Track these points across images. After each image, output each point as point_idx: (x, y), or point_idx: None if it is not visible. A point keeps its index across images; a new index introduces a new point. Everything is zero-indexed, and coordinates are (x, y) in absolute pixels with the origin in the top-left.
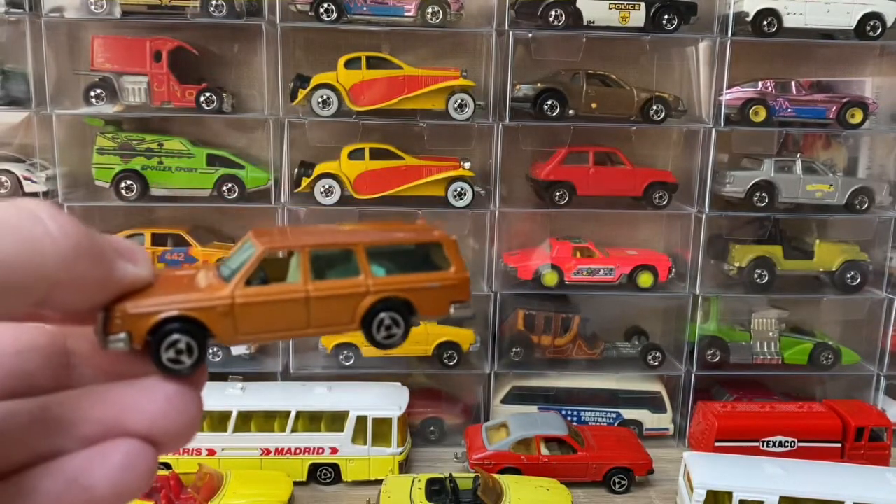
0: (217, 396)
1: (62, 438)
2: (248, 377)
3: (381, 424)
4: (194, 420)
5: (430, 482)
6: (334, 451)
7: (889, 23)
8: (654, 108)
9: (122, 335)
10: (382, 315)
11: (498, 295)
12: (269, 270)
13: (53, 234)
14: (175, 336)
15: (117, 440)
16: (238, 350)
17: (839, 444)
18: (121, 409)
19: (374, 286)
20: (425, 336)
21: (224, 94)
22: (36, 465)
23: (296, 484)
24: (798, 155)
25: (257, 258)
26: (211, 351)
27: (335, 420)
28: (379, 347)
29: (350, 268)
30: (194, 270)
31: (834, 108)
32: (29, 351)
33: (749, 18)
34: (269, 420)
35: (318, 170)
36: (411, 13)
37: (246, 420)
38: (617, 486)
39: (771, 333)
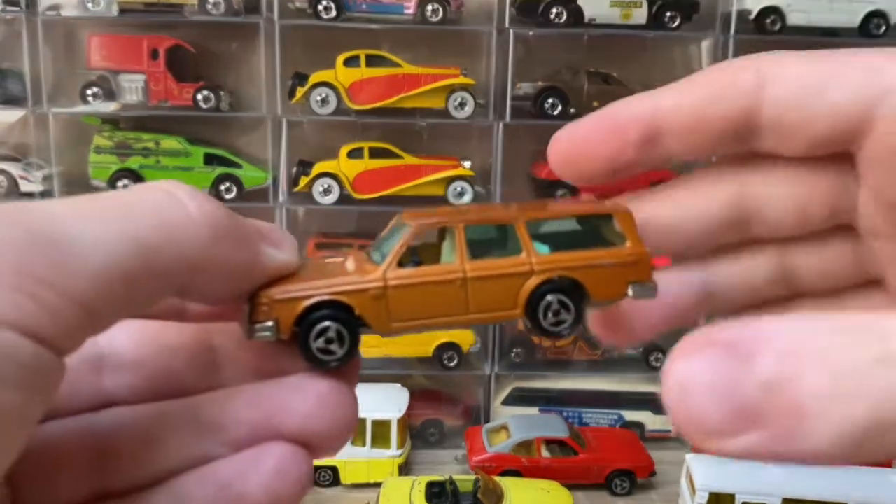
0: None
1: (212, 442)
2: None
3: (381, 426)
4: (350, 420)
5: (430, 484)
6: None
7: (893, 21)
8: None
9: (269, 323)
10: (549, 298)
11: None
12: (423, 255)
13: (193, 216)
14: (325, 323)
15: (270, 444)
16: None
17: None
18: (271, 411)
19: (539, 265)
20: (425, 337)
21: (222, 93)
22: (185, 470)
23: None
24: None
25: (409, 236)
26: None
27: None
28: (546, 336)
29: (510, 246)
30: (343, 257)
31: None
32: (175, 349)
33: (752, 16)
34: None
35: (316, 169)
36: (411, 11)
37: None
38: (618, 488)
39: None
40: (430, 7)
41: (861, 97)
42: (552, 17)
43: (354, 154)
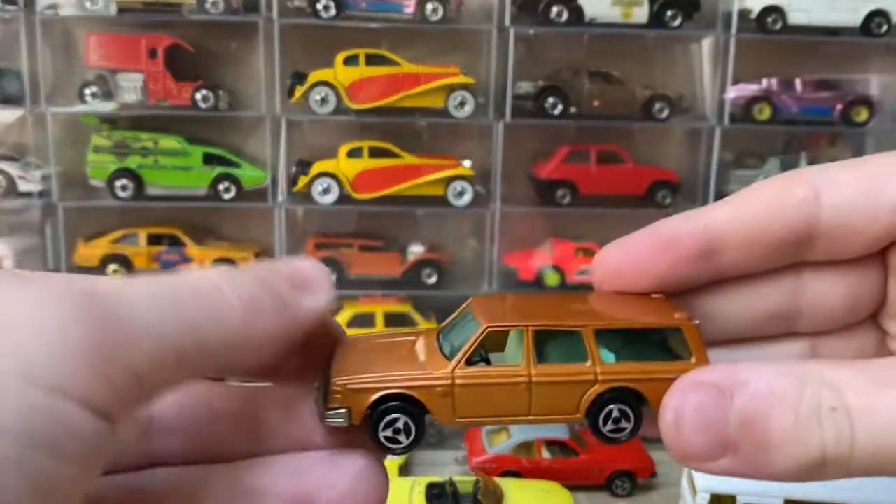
0: None
1: (258, 499)
2: (248, 379)
3: None
4: (383, 497)
5: (430, 486)
6: None
7: (894, 20)
8: (658, 105)
9: (342, 411)
10: (611, 406)
11: None
12: (489, 343)
13: (233, 300)
14: (394, 415)
15: None
16: None
17: None
18: (310, 484)
19: (603, 374)
20: None
21: (220, 92)
22: None
23: None
24: (803, 153)
25: (478, 337)
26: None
27: None
28: (604, 441)
29: (577, 351)
30: (414, 337)
31: (839, 106)
32: (220, 414)
33: (753, 15)
34: None
35: (315, 168)
36: (411, 10)
37: None
38: (619, 489)
39: None
40: (429, 6)
41: None
42: (553, 15)
43: (354, 153)
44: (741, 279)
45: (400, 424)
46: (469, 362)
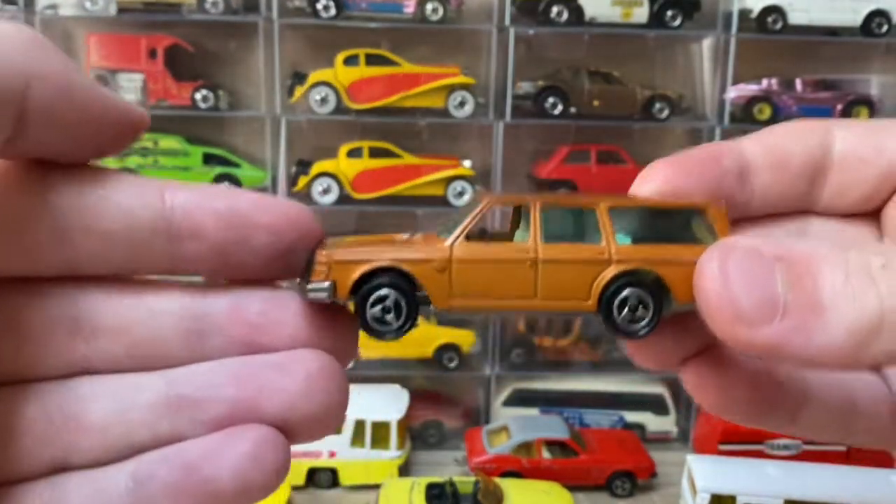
0: None
1: (186, 419)
2: None
3: (380, 428)
4: (338, 405)
5: (430, 486)
6: (332, 454)
7: (895, 20)
8: (658, 105)
9: (326, 284)
10: (627, 292)
11: None
12: (495, 239)
13: (10, 31)
14: (383, 291)
15: (247, 426)
16: None
17: (844, 447)
18: (254, 389)
19: (619, 255)
20: (425, 338)
21: (220, 92)
22: (153, 447)
23: (293, 488)
24: None
25: (481, 209)
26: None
27: None
28: (620, 335)
29: (590, 233)
30: (413, 233)
31: (839, 106)
32: (161, 314)
33: (753, 15)
34: None
35: (315, 168)
36: (411, 10)
37: None
38: (619, 489)
39: None
40: (429, 6)
41: None
42: (553, 15)
43: (354, 153)
44: (759, 220)
45: (390, 302)
46: (469, 238)
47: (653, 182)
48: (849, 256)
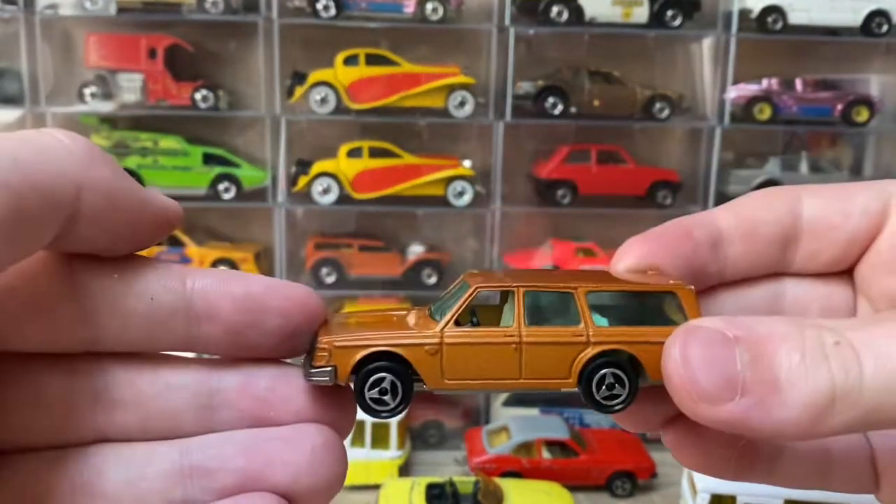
0: None
1: (197, 487)
2: None
3: (381, 427)
4: (340, 477)
5: (430, 486)
6: None
7: (895, 20)
8: (658, 105)
9: (328, 369)
10: (605, 371)
11: None
12: (482, 317)
13: (67, 142)
14: (380, 374)
15: (254, 495)
16: None
17: None
18: (262, 461)
19: (596, 336)
20: None
21: (220, 92)
22: None
23: None
24: (803, 153)
25: (468, 296)
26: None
27: None
28: (599, 409)
29: (569, 314)
30: (406, 311)
31: (839, 106)
32: (178, 388)
33: (754, 15)
34: None
35: (315, 168)
36: (410, 9)
37: None
38: (619, 489)
39: None
40: (429, 5)
41: (881, 195)
42: (553, 15)
43: (354, 153)
44: (735, 285)
45: (387, 384)
46: (458, 323)
47: (629, 258)
48: (805, 334)
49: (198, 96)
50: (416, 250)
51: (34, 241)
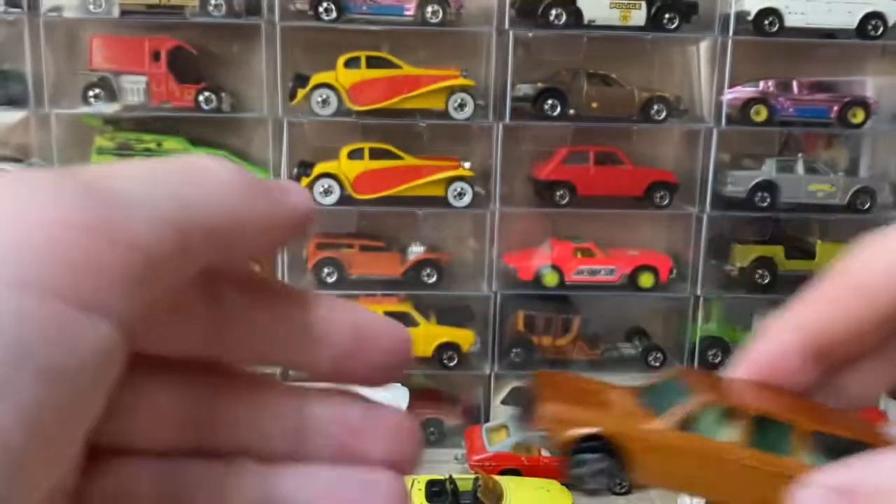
0: None
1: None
2: None
3: None
4: None
5: (430, 483)
6: None
7: (891, 22)
8: (656, 107)
9: (545, 434)
10: None
11: (498, 295)
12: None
13: (224, 176)
14: (595, 455)
15: None
16: None
17: None
18: (336, 501)
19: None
20: (425, 337)
21: (223, 94)
22: None
23: None
24: (799, 155)
25: (700, 404)
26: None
27: None
28: None
29: (788, 445)
30: (599, 384)
31: (835, 108)
32: (274, 413)
33: (750, 17)
34: None
35: (317, 170)
36: (411, 12)
37: None
38: (618, 488)
39: None
40: (429, 8)
41: None
42: (552, 18)
43: (355, 155)
44: (855, 361)
45: (600, 466)
46: (681, 426)
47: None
48: None
49: (201, 98)
50: (416, 250)
51: (188, 275)
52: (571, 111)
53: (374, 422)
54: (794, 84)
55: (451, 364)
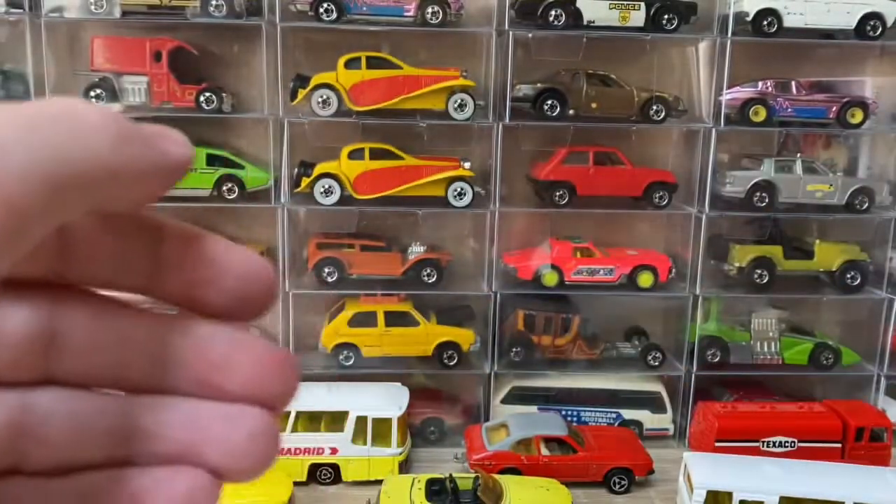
0: None
1: (138, 448)
2: None
3: (381, 424)
4: (271, 461)
5: (430, 482)
6: (334, 451)
7: (889, 23)
8: (655, 107)
9: None
10: None
11: (498, 295)
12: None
13: (97, 122)
14: None
15: (188, 470)
16: None
17: (839, 445)
18: (201, 437)
19: None
20: (425, 336)
21: (224, 94)
22: (103, 467)
23: (296, 484)
24: (798, 155)
25: None
26: None
27: (335, 420)
28: None
29: None
30: None
31: (834, 108)
32: (130, 340)
33: (749, 18)
34: None
35: (317, 170)
36: (411, 13)
37: None
38: (617, 486)
39: (771, 333)
40: (430, 9)
41: None
42: (551, 19)
43: (355, 155)
44: None
45: None
46: None
47: None
48: None
49: (202, 98)
50: (416, 250)
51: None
52: (571, 111)
53: (238, 355)
54: (793, 84)
55: (451, 363)
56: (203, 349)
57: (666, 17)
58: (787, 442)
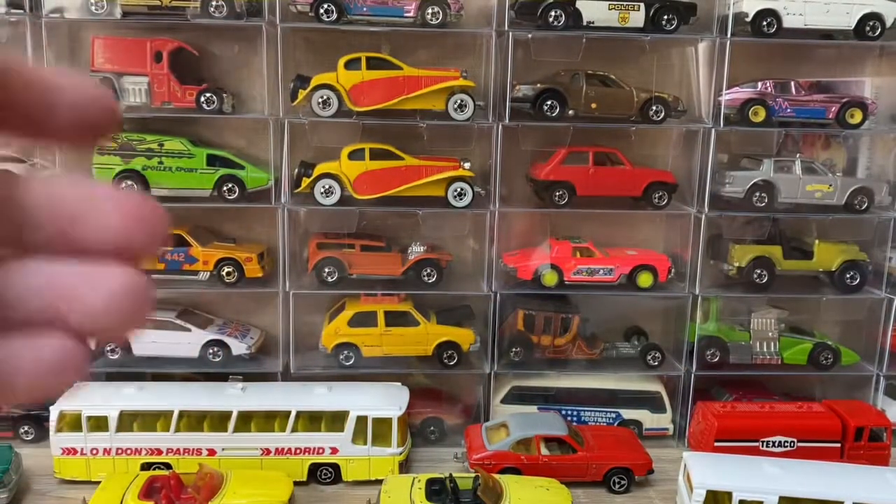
0: (217, 396)
1: (8, 311)
2: (249, 377)
3: (382, 424)
4: (139, 318)
5: (430, 482)
6: (334, 451)
7: (888, 23)
8: (654, 108)
9: None
10: None
11: (498, 295)
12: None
13: None
14: None
15: (52, 334)
16: (238, 350)
17: (838, 444)
18: (62, 298)
19: None
20: (425, 336)
21: (224, 95)
22: None
23: (296, 484)
24: (797, 155)
25: None
26: (211, 352)
27: (335, 420)
28: None
29: None
30: None
31: (833, 109)
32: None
33: (748, 19)
34: (269, 420)
35: (318, 170)
36: (411, 14)
37: (246, 420)
38: (617, 485)
39: (770, 333)
40: (430, 10)
41: None
42: (551, 19)
43: (355, 155)
44: None
45: None
46: None
47: None
48: None
49: (202, 99)
50: (416, 250)
51: None
52: (570, 112)
53: (95, 207)
54: (793, 85)
55: (451, 363)
56: (57, 204)
57: (665, 17)
58: (787, 442)
